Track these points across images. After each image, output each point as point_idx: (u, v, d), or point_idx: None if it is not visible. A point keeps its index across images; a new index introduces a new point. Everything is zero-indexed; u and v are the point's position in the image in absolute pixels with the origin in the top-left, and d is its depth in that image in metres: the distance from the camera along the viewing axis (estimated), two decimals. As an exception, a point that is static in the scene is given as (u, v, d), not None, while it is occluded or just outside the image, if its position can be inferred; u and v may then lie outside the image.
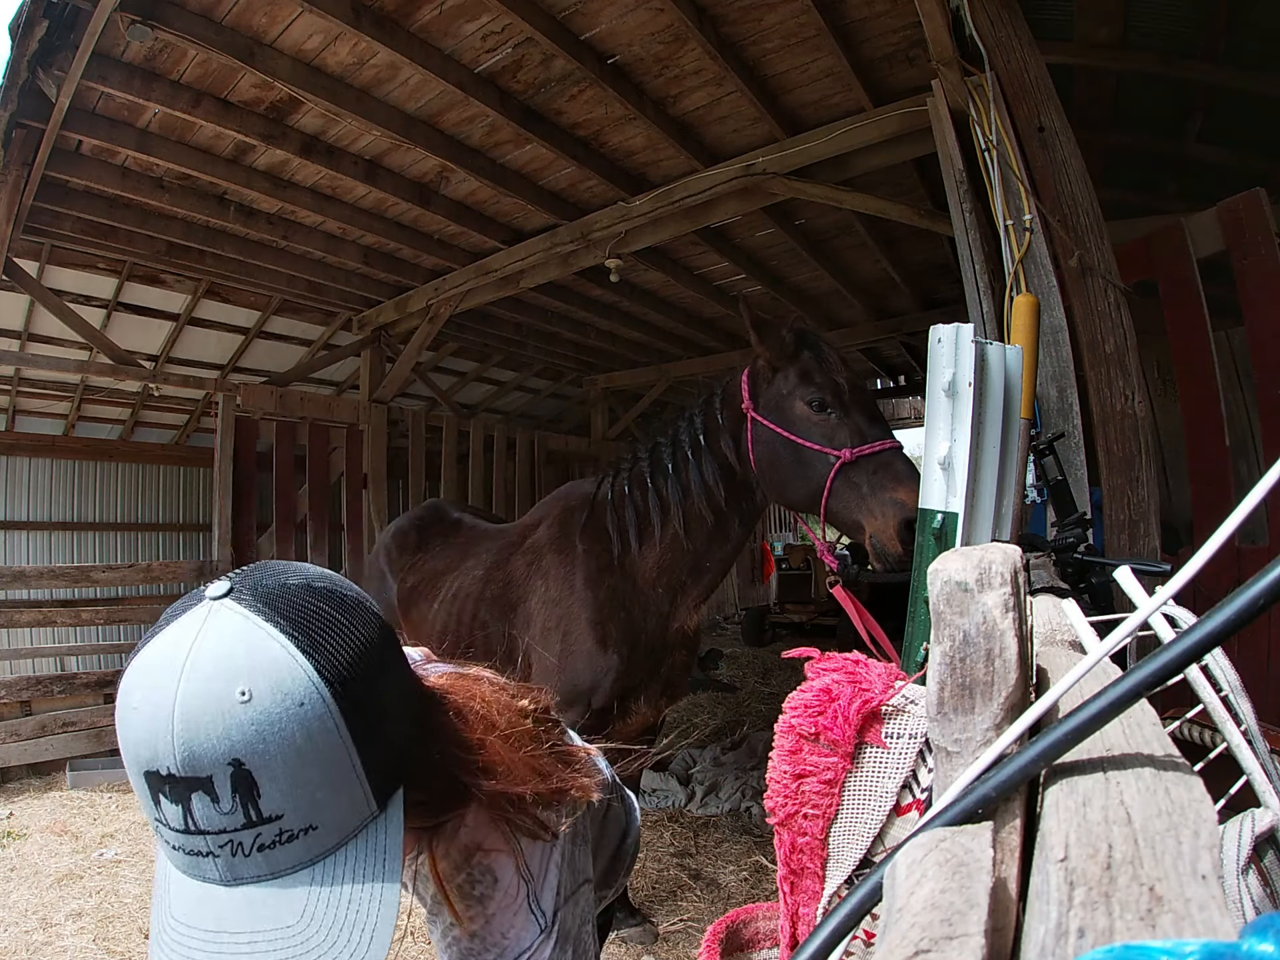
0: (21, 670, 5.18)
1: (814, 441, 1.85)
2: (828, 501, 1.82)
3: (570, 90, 3.34)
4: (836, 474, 1.80)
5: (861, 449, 1.79)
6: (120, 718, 0.57)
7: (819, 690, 0.73)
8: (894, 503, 1.70)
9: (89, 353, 5.35)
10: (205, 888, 0.54)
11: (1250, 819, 0.72)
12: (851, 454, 1.79)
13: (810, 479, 1.86)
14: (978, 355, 1.09)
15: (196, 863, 0.53)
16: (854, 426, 1.85)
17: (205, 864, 0.53)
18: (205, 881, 0.54)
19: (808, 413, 1.88)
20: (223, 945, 0.52)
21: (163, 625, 0.59)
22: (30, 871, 3.04)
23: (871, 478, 1.77)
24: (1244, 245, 2.60)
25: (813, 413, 1.88)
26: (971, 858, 0.37)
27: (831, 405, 1.86)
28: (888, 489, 1.73)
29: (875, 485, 1.76)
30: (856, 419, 1.86)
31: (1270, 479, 0.38)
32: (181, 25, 2.81)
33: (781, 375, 1.96)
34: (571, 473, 8.13)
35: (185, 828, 0.52)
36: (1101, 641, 0.47)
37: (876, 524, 1.74)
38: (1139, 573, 0.97)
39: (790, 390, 1.93)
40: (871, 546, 1.77)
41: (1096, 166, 2.81)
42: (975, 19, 2.30)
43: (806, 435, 1.87)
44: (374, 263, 5.08)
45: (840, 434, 1.84)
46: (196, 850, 0.53)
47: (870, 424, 1.86)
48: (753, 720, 5.28)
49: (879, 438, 1.82)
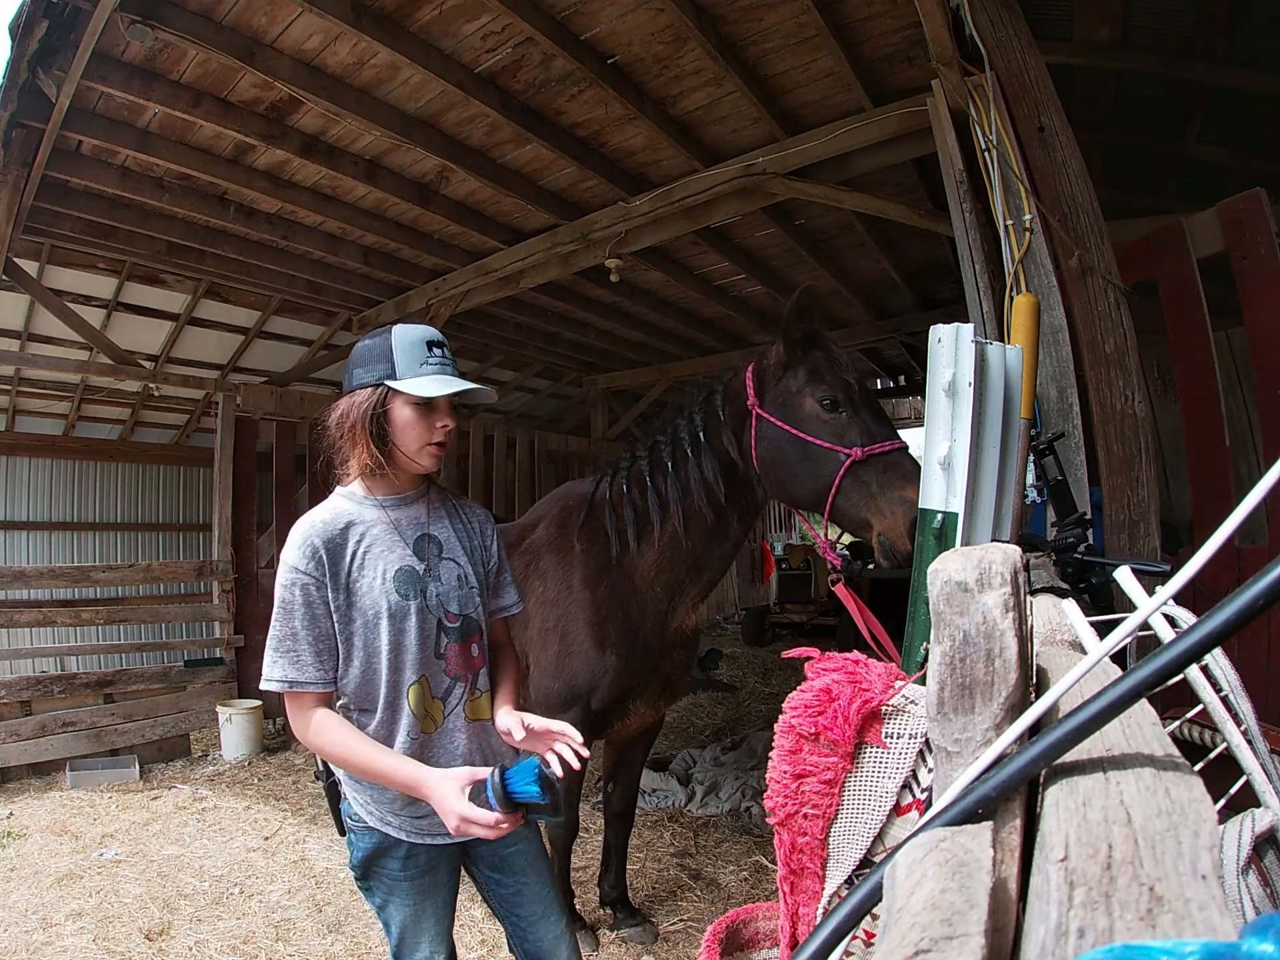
0: (21, 670, 5.19)
1: (823, 439, 1.86)
2: (835, 499, 1.83)
3: (570, 90, 3.34)
4: (846, 472, 1.81)
5: (872, 448, 1.80)
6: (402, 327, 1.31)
7: (819, 690, 0.73)
8: (904, 501, 1.71)
9: (89, 353, 5.36)
10: (445, 377, 1.28)
11: (1250, 819, 0.72)
12: (863, 452, 1.79)
13: (819, 476, 1.87)
14: (978, 355, 1.09)
15: (443, 369, 1.28)
16: (863, 425, 1.86)
17: (447, 367, 1.29)
18: (446, 374, 1.28)
19: (818, 410, 1.89)
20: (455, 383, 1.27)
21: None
22: (30, 871, 3.04)
23: (881, 476, 1.78)
24: (1244, 245, 2.60)
25: (823, 411, 1.88)
26: (971, 858, 0.37)
27: (842, 404, 1.87)
28: (897, 487, 1.74)
29: (885, 484, 1.77)
30: (865, 418, 1.87)
31: (1270, 479, 0.38)
32: (181, 25, 2.81)
33: (791, 373, 1.96)
34: (571, 473, 8.14)
35: (440, 358, 1.29)
36: (1101, 641, 0.47)
37: (886, 522, 1.75)
38: (1139, 573, 0.97)
39: (800, 388, 1.93)
40: (879, 544, 1.78)
41: (1096, 166, 2.82)
42: (975, 19, 2.30)
43: (816, 433, 1.87)
44: (374, 263, 5.08)
45: (850, 432, 1.85)
46: (444, 364, 1.29)
47: (878, 423, 1.88)
48: (753, 720, 5.28)
49: (887, 437, 1.84)
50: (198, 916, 2.67)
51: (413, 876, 1.32)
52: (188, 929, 2.59)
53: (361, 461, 1.28)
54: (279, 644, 1.22)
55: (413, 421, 1.26)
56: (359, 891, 1.43)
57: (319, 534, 1.25)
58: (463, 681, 1.34)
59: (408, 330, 1.28)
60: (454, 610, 1.33)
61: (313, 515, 1.28)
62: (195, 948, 2.46)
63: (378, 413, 1.25)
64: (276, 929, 2.58)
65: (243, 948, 2.47)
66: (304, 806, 3.82)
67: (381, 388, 1.25)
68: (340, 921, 2.65)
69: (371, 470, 1.29)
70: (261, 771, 4.42)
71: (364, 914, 2.70)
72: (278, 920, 2.65)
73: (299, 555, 1.23)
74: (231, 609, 5.07)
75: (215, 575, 5.08)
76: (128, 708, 4.53)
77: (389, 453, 1.28)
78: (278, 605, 1.23)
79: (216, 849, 3.27)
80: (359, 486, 1.33)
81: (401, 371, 1.24)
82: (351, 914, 2.70)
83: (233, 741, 4.67)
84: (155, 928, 2.58)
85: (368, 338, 1.30)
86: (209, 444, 5.78)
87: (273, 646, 1.22)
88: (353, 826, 1.35)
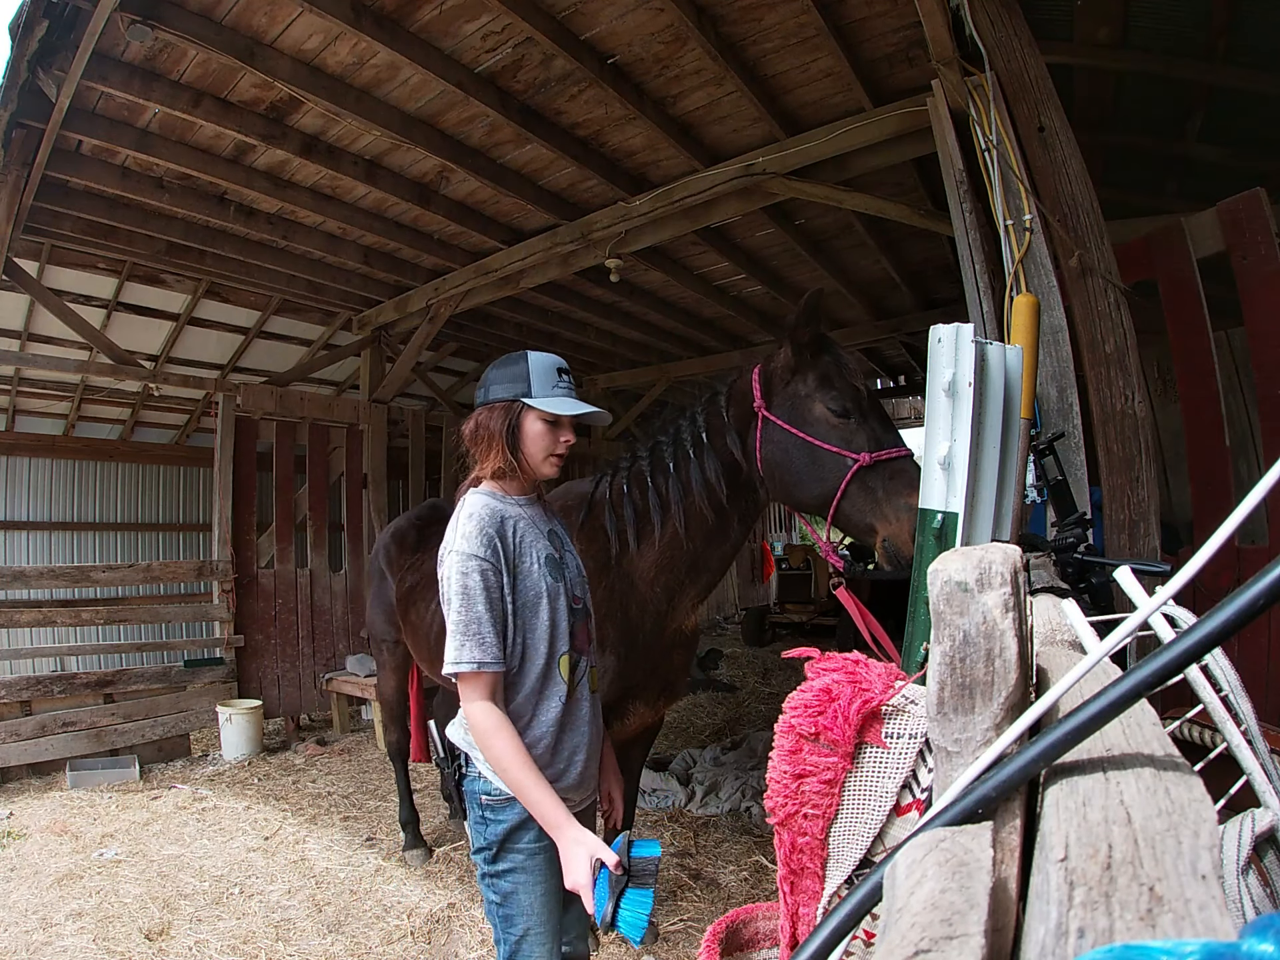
0: (21, 670, 5.20)
1: (831, 444, 1.87)
2: (839, 503, 1.84)
3: (570, 90, 3.34)
4: (852, 477, 1.82)
5: (879, 454, 1.82)
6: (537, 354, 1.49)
7: (819, 690, 0.73)
8: (909, 508, 1.72)
9: (89, 353, 5.36)
10: (571, 400, 1.47)
11: (1250, 819, 0.72)
12: (870, 458, 1.80)
13: (824, 480, 1.88)
14: (978, 355, 1.09)
15: (569, 392, 1.47)
16: (871, 432, 1.87)
17: (571, 391, 1.48)
18: (571, 397, 1.47)
19: (827, 415, 1.90)
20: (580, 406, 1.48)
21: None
22: (30, 871, 3.04)
23: (888, 483, 1.80)
24: (1244, 245, 2.60)
25: (832, 416, 1.89)
26: (971, 858, 0.37)
27: (851, 410, 1.88)
28: (903, 494, 1.76)
29: (891, 490, 1.79)
30: (873, 425, 1.89)
31: (1270, 479, 0.38)
32: (181, 25, 2.81)
33: (800, 377, 1.96)
34: (571, 473, 8.13)
35: (567, 384, 1.48)
36: (1101, 641, 0.47)
37: (891, 528, 1.77)
38: (1139, 573, 0.97)
39: (809, 393, 1.94)
40: (883, 549, 1.80)
41: (1096, 166, 2.82)
42: (975, 19, 2.30)
43: (824, 437, 1.88)
44: (374, 263, 5.08)
45: (858, 438, 1.86)
46: (569, 389, 1.48)
47: (885, 430, 1.90)
48: (753, 720, 5.28)
49: (894, 444, 1.85)
50: (198, 916, 2.67)
51: (547, 848, 1.38)
52: (188, 929, 2.59)
53: (495, 465, 1.46)
54: (465, 628, 1.32)
55: (541, 434, 1.46)
56: (481, 885, 1.46)
57: (490, 524, 1.40)
58: (586, 656, 1.53)
59: (542, 357, 1.49)
60: (578, 594, 1.55)
61: (477, 510, 1.41)
62: (195, 948, 2.46)
63: (513, 425, 1.44)
64: (276, 929, 2.58)
65: (243, 948, 2.47)
66: (304, 806, 3.82)
67: (517, 404, 1.45)
68: (340, 921, 2.65)
69: (503, 473, 1.47)
70: (261, 771, 4.42)
71: (364, 914, 2.70)
72: (278, 920, 2.64)
73: (478, 544, 1.36)
74: (231, 609, 5.07)
75: (215, 575, 5.08)
76: (128, 708, 4.53)
77: (519, 459, 1.46)
78: (458, 592, 1.34)
79: (216, 849, 3.27)
80: (493, 487, 1.50)
81: (536, 391, 1.45)
82: (351, 914, 2.70)
83: (233, 741, 4.67)
84: (155, 928, 2.58)
85: (503, 363, 1.51)
86: (209, 444, 5.78)
87: (460, 630, 1.33)
88: (490, 802, 1.40)
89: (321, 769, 4.48)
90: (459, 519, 1.41)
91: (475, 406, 1.53)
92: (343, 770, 4.45)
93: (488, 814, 1.40)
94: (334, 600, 5.68)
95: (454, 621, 1.33)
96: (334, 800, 3.92)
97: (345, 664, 5.43)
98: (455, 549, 1.37)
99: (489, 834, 1.40)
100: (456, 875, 3.03)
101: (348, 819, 3.66)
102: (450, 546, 1.38)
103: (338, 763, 4.61)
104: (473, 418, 1.51)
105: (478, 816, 1.42)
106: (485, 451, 1.47)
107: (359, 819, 3.66)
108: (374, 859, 3.18)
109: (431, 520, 3.23)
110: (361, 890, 2.89)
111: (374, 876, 3.01)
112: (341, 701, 5.38)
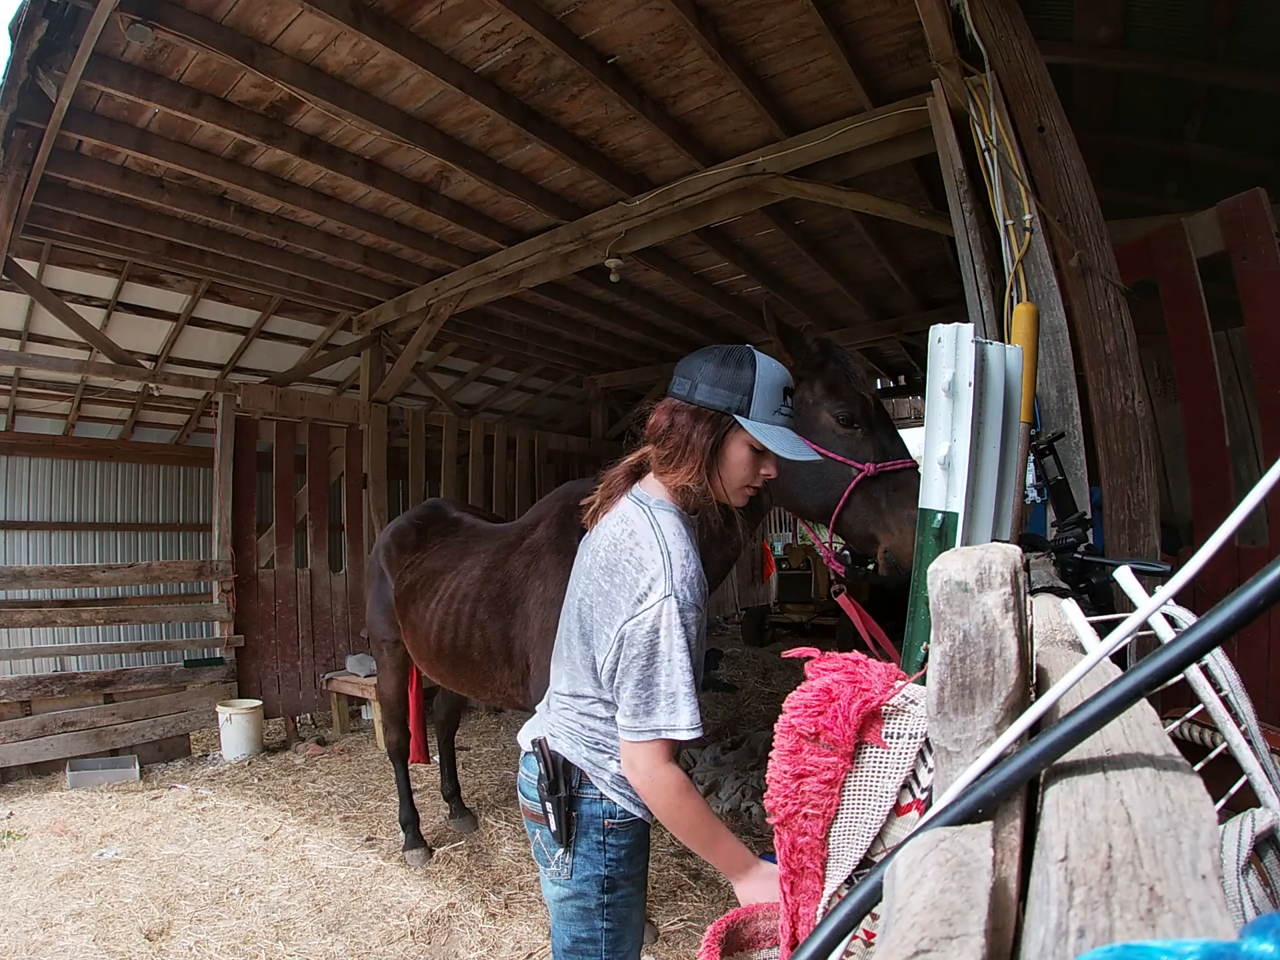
0: (21, 670, 5.20)
1: (837, 453, 1.86)
2: (842, 512, 1.84)
3: (570, 90, 3.34)
4: (856, 487, 1.82)
5: (884, 465, 1.81)
6: (766, 364, 1.27)
7: (819, 690, 0.73)
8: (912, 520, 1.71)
9: (89, 353, 5.36)
10: (783, 429, 1.26)
11: (1250, 819, 0.72)
12: (875, 468, 1.80)
13: (828, 489, 1.88)
14: (978, 355, 1.09)
15: (789, 421, 1.28)
16: (877, 443, 1.87)
17: (791, 419, 1.28)
18: (790, 427, 1.28)
19: (833, 424, 1.89)
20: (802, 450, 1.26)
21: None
22: (30, 871, 3.04)
23: (891, 494, 1.80)
24: (1244, 245, 2.60)
25: (838, 425, 1.88)
26: (971, 858, 0.37)
27: (858, 419, 1.87)
28: (907, 506, 1.75)
29: (895, 502, 1.79)
30: (880, 435, 1.89)
31: (1270, 479, 0.38)
32: (181, 25, 2.81)
33: (806, 385, 1.96)
34: (571, 472, 8.14)
35: (790, 410, 1.28)
36: (1101, 641, 0.47)
37: (894, 539, 1.78)
38: (1139, 573, 0.97)
39: (816, 401, 1.93)
40: (884, 559, 1.80)
41: (1096, 166, 2.82)
42: (975, 19, 2.30)
43: (830, 446, 1.87)
44: (374, 262, 5.08)
45: (864, 448, 1.86)
46: (790, 416, 1.28)
47: (891, 441, 1.89)
48: (753, 720, 5.28)
49: (899, 455, 1.85)
50: (198, 916, 2.67)
51: (648, 859, 1.35)
52: (188, 929, 2.59)
53: (684, 481, 1.25)
54: (689, 686, 1.16)
55: (745, 463, 1.27)
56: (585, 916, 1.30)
57: (697, 561, 1.23)
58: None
59: (771, 371, 1.25)
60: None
61: (684, 545, 1.22)
62: (195, 948, 2.46)
63: (717, 442, 1.24)
64: (276, 929, 2.58)
65: (243, 948, 2.47)
66: (304, 806, 3.82)
67: (728, 419, 1.23)
68: (340, 921, 2.65)
69: (687, 491, 1.27)
70: (261, 771, 4.42)
71: (364, 914, 2.70)
72: (278, 920, 2.65)
73: (700, 595, 1.19)
74: (231, 609, 5.07)
75: (215, 575, 5.08)
76: (128, 708, 4.53)
77: (711, 482, 1.27)
78: (680, 648, 1.16)
79: (216, 849, 3.27)
80: (672, 501, 1.30)
81: (755, 412, 1.23)
82: (351, 914, 2.70)
83: (233, 741, 4.67)
84: (155, 928, 2.58)
85: (723, 360, 1.25)
86: (209, 444, 5.78)
87: (686, 691, 1.15)
88: (614, 825, 1.28)
89: (321, 769, 4.48)
90: (670, 551, 1.19)
91: (670, 394, 1.29)
92: (343, 770, 4.46)
93: (610, 839, 1.28)
94: (334, 600, 5.68)
95: (679, 682, 1.15)
96: (334, 800, 3.92)
97: (345, 664, 5.43)
98: (678, 595, 1.16)
99: (609, 859, 1.28)
100: (456, 875, 3.03)
101: (348, 819, 3.66)
102: (668, 590, 1.16)
103: (338, 763, 4.61)
104: (669, 412, 1.28)
105: (595, 842, 1.27)
106: (677, 461, 1.25)
107: (359, 819, 3.66)
108: (374, 859, 3.18)
109: (432, 520, 3.22)
110: (361, 890, 2.89)
111: (374, 876, 3.01)
112: (341, 701, 5.38)
